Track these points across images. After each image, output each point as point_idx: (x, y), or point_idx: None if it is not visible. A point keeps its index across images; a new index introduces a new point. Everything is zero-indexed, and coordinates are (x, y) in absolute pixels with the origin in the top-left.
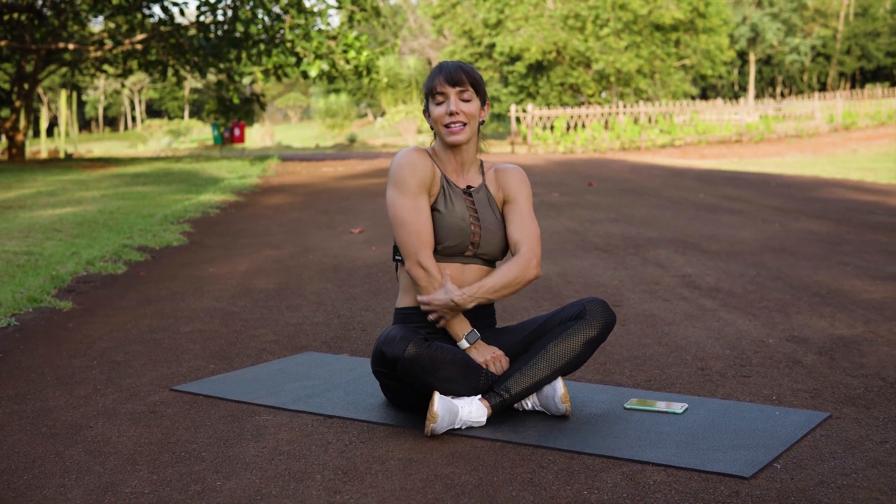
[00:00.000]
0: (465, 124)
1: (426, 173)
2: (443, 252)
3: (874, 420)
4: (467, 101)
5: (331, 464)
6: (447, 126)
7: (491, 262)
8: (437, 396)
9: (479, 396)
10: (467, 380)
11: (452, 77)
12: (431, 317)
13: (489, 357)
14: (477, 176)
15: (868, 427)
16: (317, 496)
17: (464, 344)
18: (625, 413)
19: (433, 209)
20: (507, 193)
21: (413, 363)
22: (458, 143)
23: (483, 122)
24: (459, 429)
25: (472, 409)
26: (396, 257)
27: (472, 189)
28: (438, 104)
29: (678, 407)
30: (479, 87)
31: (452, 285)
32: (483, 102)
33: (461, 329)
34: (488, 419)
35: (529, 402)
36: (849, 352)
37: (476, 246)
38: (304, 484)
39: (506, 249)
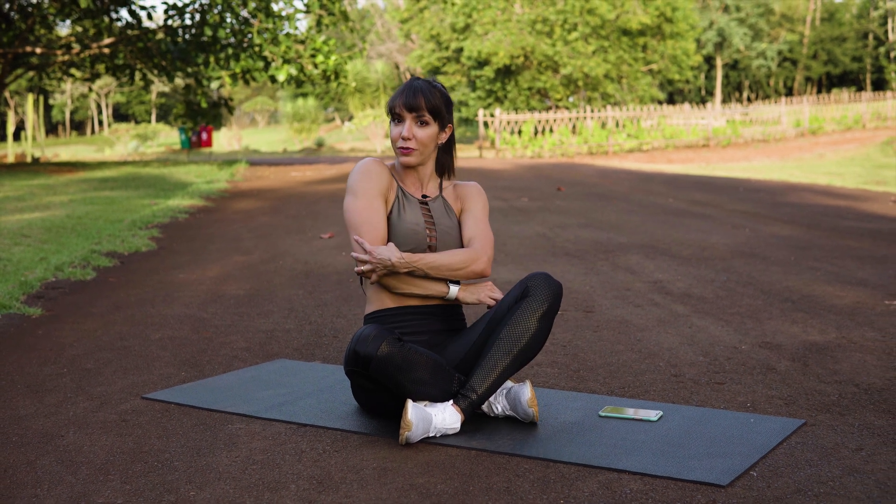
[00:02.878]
0: (416, 149)
1: (382, 180)
2: None
3: (849, 427)
4: (423, 125)
5: (305, 473)
6: (399, 148)
7: None
8: (410, 404)
9: (451, 402)
10: (440, 382)
11: (409, 103)
12: (364, 268)
13: (484, 294)
14: (435, 189)
15: (843, 434)
16: None
17: (453, 291)
18: (599, 421)
19: (388, 219)
20: (464, 204)
21: (386, 362)
22: (409, 165)
23: (441, 143)
24: (434, 437)
25: (446, 417)
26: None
27: (427, 199)
28: (396, 124)
29: (653, 414)
30: (438, 113)
31: (395, 249)
32: (444, 126)
33: (441, 286)
34: (463, 426)
35: (499, 407)
36: (822, 358)
37: (434, 249)
38: (279, 493)
39: None
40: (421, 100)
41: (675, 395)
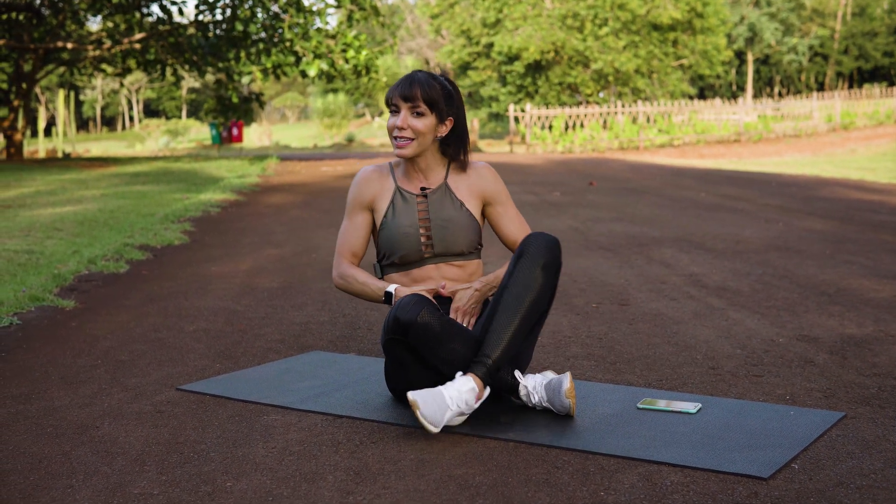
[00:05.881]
0: (412, 139)
1: (369, 190)
2: (402, 262)
3: (890, 420)
4: (419, 116)
5: (342, 464)
6: (395, 138)
7: (461, 256)
8: (410, 392)
9: (462, 373)
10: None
11: (405, 92)
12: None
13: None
14: (438, 178)
15: (884, 427)
16: (329, 497)
17: (390, 289)
18: (638, 413)
19: (382, 224)
20: (487, 195)
21: (425, 329)
22: (404, 157)
23: (441, 136)
24: (464, 413)
25: (456, 383)
26: (375, 263)
27: (427, 190)
28: (393, 115)
29: (691, 407)
30: (434, 104)
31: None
32: (443, 119)
33: (380, 285)
34: (499, 417)
35: (536, 397)
36: (860, 351)
37: (430, 248)
38: (316, 485)
39: (471, 243)
40: (417, 90)
41: (713, 388)
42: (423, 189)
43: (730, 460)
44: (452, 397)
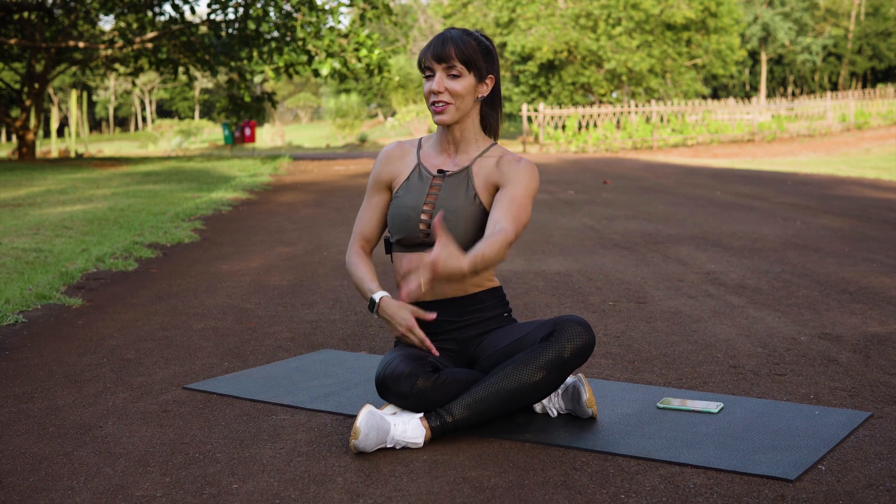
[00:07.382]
0: (450, 103)
1: (384, 171)
2: (401, 243)
3: None
4: (456, 77)
5: (352, 466)
6: (432, 104)
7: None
8: (364, 410)
9: (421, 416)
10: None
11: (438, 52)
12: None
13: (401, 330)
14: (469, 156)
15: None
16: (339, 499)
17: (375, 297)
18: (658, 413)
19: (393, 198)
20: (504, 181)
21: (421, 397)
22: (444, 124)
23: (482, 97)
24: (394, 448)
25: (407, 429)
26: (385, 236)
27: (446, 172)
28: (427, 79)
29: (713, 406)
30: (471, 62)
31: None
32: (482, 77)
33: (371, 287)
34: (515, 418)
35: (555, 410)
36: (884, 349)
37: (427, 235)
38: (325, 487)
39: (471, 242)
40: (451, 49)
41: (734, 387)
42: (440, 171)
43: (754, 461)
44: (395, 437)
